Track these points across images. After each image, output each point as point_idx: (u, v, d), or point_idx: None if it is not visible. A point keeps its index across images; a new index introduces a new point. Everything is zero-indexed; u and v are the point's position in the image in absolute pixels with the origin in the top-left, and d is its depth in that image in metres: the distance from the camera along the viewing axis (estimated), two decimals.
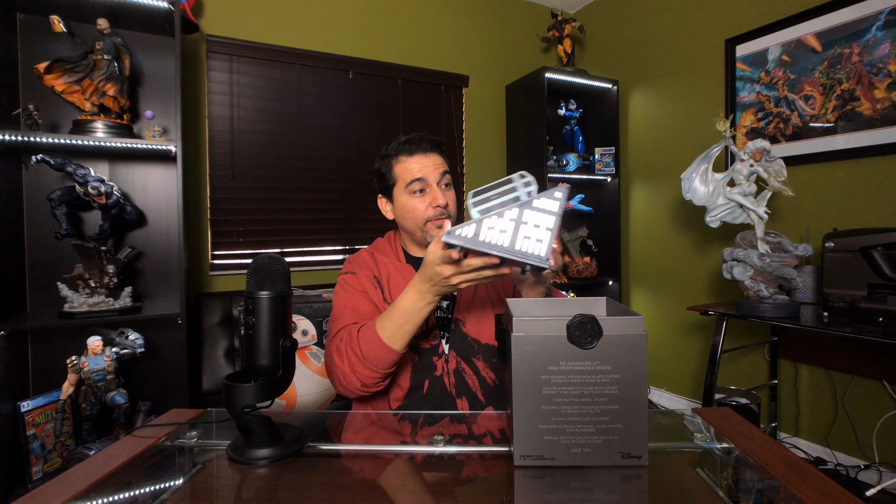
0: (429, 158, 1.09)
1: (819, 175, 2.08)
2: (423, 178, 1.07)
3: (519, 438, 0.66)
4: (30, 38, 1.83)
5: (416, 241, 1.13)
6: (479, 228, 0.71)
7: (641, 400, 0.64)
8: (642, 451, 0.64)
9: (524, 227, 0.71)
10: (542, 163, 2.72)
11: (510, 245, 0.70)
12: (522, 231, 0.71)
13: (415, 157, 1.09)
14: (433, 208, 1.06)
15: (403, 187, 1.09)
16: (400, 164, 1.11)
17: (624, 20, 3.01)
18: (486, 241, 0.70)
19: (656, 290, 2.88)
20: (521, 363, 0.65)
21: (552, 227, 0.71)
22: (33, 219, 1.85)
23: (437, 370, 1.06)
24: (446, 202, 1.08)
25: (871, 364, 1.90)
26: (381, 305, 1.09)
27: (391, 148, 1.14)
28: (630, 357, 0.64)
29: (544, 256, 0.70)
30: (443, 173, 1.10)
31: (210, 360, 2.06)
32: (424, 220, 1.07)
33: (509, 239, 0.70)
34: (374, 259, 1.15)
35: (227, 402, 0.69)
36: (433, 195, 1.07)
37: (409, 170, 1.08)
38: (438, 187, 1.08)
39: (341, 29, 2.57)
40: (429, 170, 1.08)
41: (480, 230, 0.71)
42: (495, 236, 0.70)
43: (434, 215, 1.06)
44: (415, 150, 1.10)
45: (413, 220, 1.09)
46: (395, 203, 1.12)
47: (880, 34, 1.87)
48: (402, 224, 1.13)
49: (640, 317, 0.64)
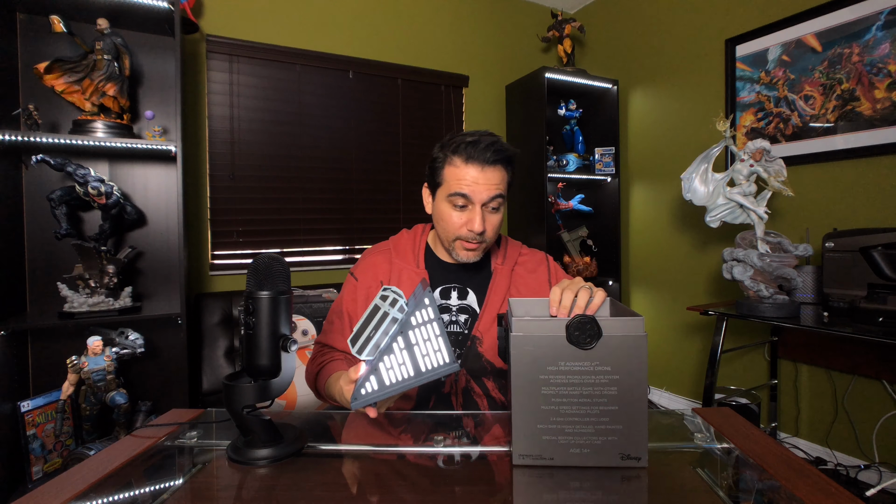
0: (485, 173, 0.96)
1: (819, 175, 2.08)
2: (468, 196, 0.96)
3: (518, 438, 0.66)
4: (30, 38, 1.83)
5: (445, 247, 1.07)
6: (381, 376, 0.72)
7: (641, 401, 0.64)
8: (642, 452, 0.64)
9: (417, 348, 0.73)
10: (543, 163, 2.72)
11: (416, 373, 0.73)
12: (418, 353, 0.73)
13: (470, 166, 0.96)
14: (468, 230, 0.98)
15: (446, 194, 0.99)
16: (452, 167, 0.98)
17: (624, 20, 3.01)
18: (393, 383, 0.72)
19: (656, 290, 2.88)
20: (521, 363, 0.66)
21: (439, 332, 0.73)
22: (33, 219, 1.85)
23: (446, 387, 1.02)
24: (483, 229, 0.98)
25: (871, 364, 1.90)
26: None
27: (453, 142, 1.00)
28: (630, 358, 0.63)
29: (449, 361, 0.73)
30: (494, 197, 0.97)
31: (210, 360, 2.06)
32: (456, 236, 1.00)
33: (412, 367, 0.73)
34: (390, 262, 1.09)
35: (227, 402, 0.69)
36: (473, 217, 0.97)
37: (458, 179, 0.97)
38: (483, 209, 0.98)
39: (341, 29, 2.57)
40: (479, 188, 0.96)
41: (382, 376, 0.72)
42: (398, 373, 0.72)
43: (467, 237, 0.99)
44: (474, 157, 0.96)
45: (445, 231, 1.02)
46: (435, 202, 1.04)
47: (880, 34, 1.87)
48: (436, 225, 1.07)
49: (641, 318, 0.64)
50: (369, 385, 0.72)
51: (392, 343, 0.72)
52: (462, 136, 0.99)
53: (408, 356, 0.72)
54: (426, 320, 0.73)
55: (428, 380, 0.73)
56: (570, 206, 2.95)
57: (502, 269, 1.09)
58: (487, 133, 1.00)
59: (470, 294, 1.08)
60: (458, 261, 1.05)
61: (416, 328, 0.73)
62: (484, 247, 1.03)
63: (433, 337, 0.73)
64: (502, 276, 1.08)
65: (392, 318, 0.72)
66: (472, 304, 1.07)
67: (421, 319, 0.73)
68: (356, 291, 1.08)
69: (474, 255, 1.03)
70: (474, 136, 0.98)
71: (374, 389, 0.71)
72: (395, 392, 0.72)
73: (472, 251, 1.02)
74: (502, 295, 1.07)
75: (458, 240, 1.01)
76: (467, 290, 1.08)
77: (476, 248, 1.01)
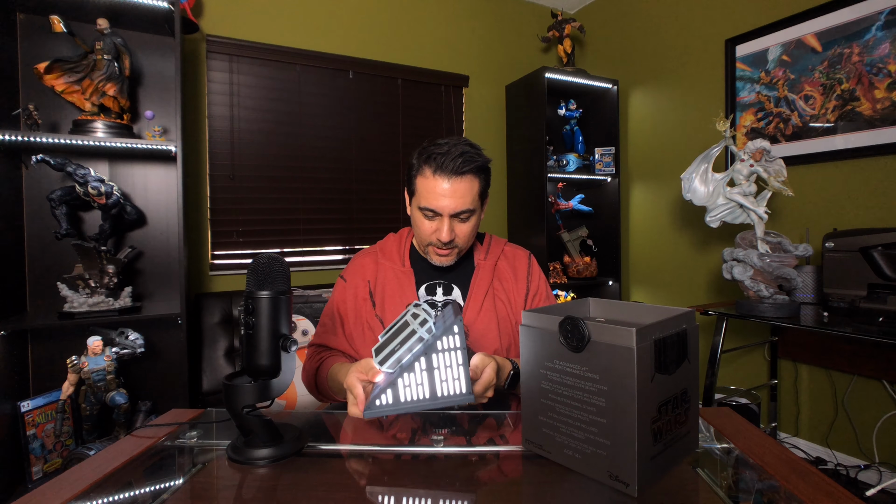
0: (454, 184, 0.95)
1: (819, 175, 2.08)
2: (434, 210, 0.98)
3: (525, 422, 0.70)
4: (30, 38, 1.83)
5: (421, 250, 1.12)
6: (397, 392, 0.72)
7: (628, 419, 0.56)
8: (631, 478, 0.57)
9: (437, 372, 0.73)
10: (543, 163, 2.72)
11: (431, 396, 0.72)
12: (437, 377, 0.73)
13: (438, 177, 0.96)
14: (437, 238, 1.01)
15: (417, 204, 1.02)
16: (423, 177, 0.98)
17: (624, 20, 3.01)
18: (407, 401, 0.72)
19: (656, 290, 2.88)
20: (526, 351, 0.69)
21: (462, 361, 0.73)
22: (33, 219, 1.85)
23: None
24: (452, 238, 1.00)
25: (871, 364, 1.90)
26: (370, 319, 1.07)
27: (425, 151, 0.99)
28: (618, 370, 0.57)
29: (466, 392, 0.73)
30: (462, 212, 0.98)
31: (210, 360, 2.06)
32: (427, 242, 1.04)
33: (428, 390, 0.73)
34: (376, 262, 1.13)
35: (227, 402, 0.69)
36: (441, 228, 0.99)
37: (427, 191, 0.97)
38: (451, 220, 0.99)
39: (341, 29, 2.57)
40: (446, 201, 0.96)
41: (399, 392, 0.72)
42: (414, 391, 0.72)
43: (437, 244, 1.02)
44: (442, 168, 0.95)
45: (418, 237, 1.07)
46: (410, 207, 1.07)
47: (880, 34, 1.87)
48: (412, 226, 1.11)
49: (632, 329, 0.56)
50: (384, 397, 0.72)
51: (414, 361, 0.73)
52: (434, 146, 0.98)
53: (427, 378, 0.73)
54: (452, 347, 0.73)
55: (441, 406, 0.73)
56: (570, 206, 2.95)
57: (485, 264, 1.13)
58: (460, 142, 0.98)
59: (455, 289, 1.11)
60: (433, 264, 1.09)
61: (440, 353, 0.73)
62: (457, 252, 1.07)
63: (455, 365, 0.73)
64: (485, 271, 1.12)
65: (419, 336, 0.72)
66: (457, 298, 1.10)
67: (447, 345, 0.73)
68: (345, 292, 1.12)
69: (447, 260, 1.07)
70: (445, 145, 0.97)
71: (387, 403, 0.72)
72: (408, 410, 0.72)
73: (444, 256, 1.06)
74: (485, 288, 1.10)
75: (430, 245, 1.05)
76: (452, 286, 1.11)
77: (448, 254, 1.05)
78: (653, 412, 0.59)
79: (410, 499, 0.61)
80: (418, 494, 0.61)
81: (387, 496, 0.61)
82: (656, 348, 0.59)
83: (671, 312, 0.67)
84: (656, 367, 0.59)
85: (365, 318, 1.08)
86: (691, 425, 0.67)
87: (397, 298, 1.07)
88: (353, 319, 1.10)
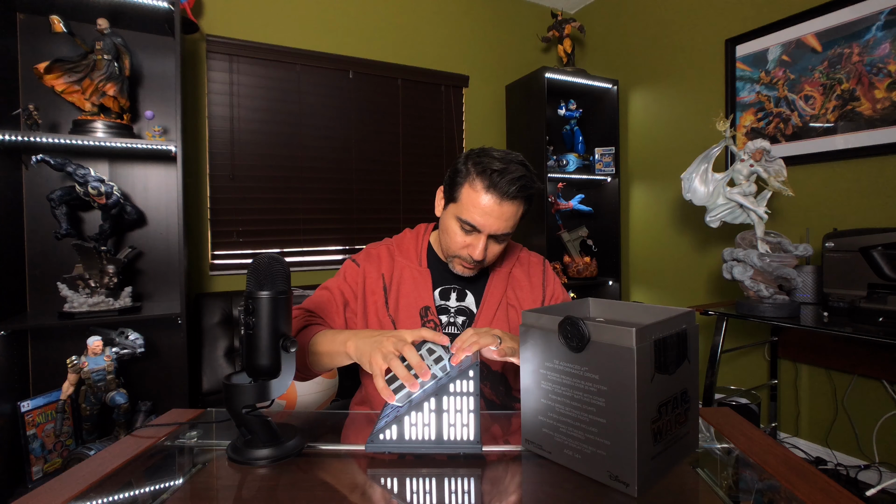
0: (502, 207, 0.93)
1: (819, 175, 2.08)
2: (476, 227, 0.95)
3: (525, 422, 0.69)
4: (30, 38, 1.83)
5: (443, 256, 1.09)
6: (402, 429, 0.69)
7: (628, 419, 0.57)
8: (631, 478, 0.57)
9: (446, 415, 0.70)
10: (543, 163, 2.72)
11: (437, 439, 0.69)
12: (446, 420, 0.70)
13: (491, 195, 0.92)
14: (469, 254, 0.98)
15: (457, 214, 0.97)
16: (471, 189, 0.94)
17: (624, 20, 3.01)
18: (412, 440, 0.69)
19: (656, 290, 2.88)
20: (527, 351, 0.68)
21: (473, 408, 0.70)
22: (33, 219, 1.85)
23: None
24: (483, 258, 0.98)
25: (871, 364, 1.90)
26: (381, 316, 1.02)
27: (480, 162, 0.95)
28: (618, 370, 0.57)
29: (474, 441, 0.69)
30: (502, 235, 0.97)
31: (210, 360, 2.06)
32: (455, 254, 1.01)
33: (435, 432, 0.70)
34: (392, 257, 1.09)
35: (227, 402, 0.69)
36: (476, 244, 0.97)
37: (473, 205, 0.94)
38: (488, 240, 0.97)
39: (341, 29, 2.57)
40: (490, 221, 0.94)
41: (404, 430, 0.70)
42: (419, 432, 0.70)
43: (466, 259, 1.00)
44: (496, 187, 0.92)
45: (446, 245, 1.02)
46: (445, 212, 1.02)
47: (880, 34, 1.87)
48: (440, 233, 1.06)
49: (632, 329, 0.56)
50: (389, 433, 0.70)
51: (424, 400, 0.70)
52: (491, 159, 0.94)
53: (434, 420, 0.70)
54: (465, 392, 0.71)
55: (446, 451, 0.70)
56: (570, 206, 2.95)
57: (500, 272, 1.10)
58: (517, 161, 0.95)
59: (468, 296, 1.08)
60: (452, 270, 1.06)
61: (452, 396, 0.70)
62: (480, 268, 1.04)
63: (466, 411, 0.70)
64: (499, 279, 1.09)
65: (432, 374, 0.71)
66: (469, 305, 1.07)
67: (460, 389, 0.71)
68: (357, 276, 1.07)
69: (469, 273, 1.04)
70: (504, 162, 0.93)
71: (391, 439, 0.70)
72: (410, 450, 0.70)
73: (468, 269, 1.03)
74: (499, 297, 1.07)
75: (457, 257, 1.01)
76: (466, 292, 1.08)
77: (472, 269, 1.03)
78: (653, 412, 0.59)
79: (411, 499, 0.61)
80: (419, 494, 0.61)
81: (387, 496, 0.61)
82: (656, 348, 0.59)
83: (671, 312, 0.67)
84: (656, 367, 0.59)
85: (373, 312, 1.04)
86: (691, 425, 0.67)
87: (412, 299, 1.03)
88: (359, 306, 1.05)
